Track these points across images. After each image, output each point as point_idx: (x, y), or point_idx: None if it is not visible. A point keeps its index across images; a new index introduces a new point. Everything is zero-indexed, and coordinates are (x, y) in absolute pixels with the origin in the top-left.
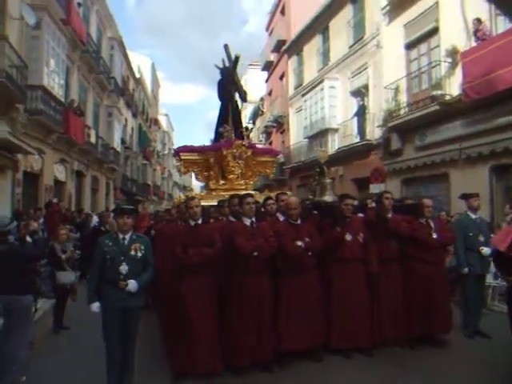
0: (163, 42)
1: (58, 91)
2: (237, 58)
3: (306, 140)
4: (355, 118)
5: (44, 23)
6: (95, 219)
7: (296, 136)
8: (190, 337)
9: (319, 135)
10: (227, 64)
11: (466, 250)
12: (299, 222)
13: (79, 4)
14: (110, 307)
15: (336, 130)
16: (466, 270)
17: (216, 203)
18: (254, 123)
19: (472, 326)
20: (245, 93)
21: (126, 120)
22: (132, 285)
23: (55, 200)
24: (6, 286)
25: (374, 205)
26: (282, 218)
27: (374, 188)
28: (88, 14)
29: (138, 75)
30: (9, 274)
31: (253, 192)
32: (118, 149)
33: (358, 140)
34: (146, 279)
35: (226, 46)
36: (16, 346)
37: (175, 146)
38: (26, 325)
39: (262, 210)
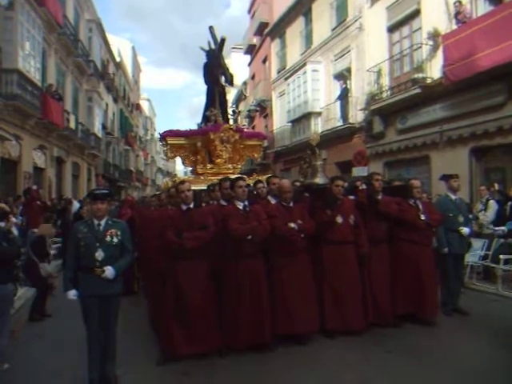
0: (144, 26)
1: (34, 75)
2: (223, 41)
3: (290, 124)
4: (338, 102)
5: (17, 3)
6: (76, 205)
7: (279, 120)
8: (186, 320)
9: (302, 119)
10: (213, 46)
11: (446, 230)
12: (291, 204)
13: None
14: (87, 295)
15: (319, 114)
16: (446, 249)
17: (204, 187)
18: (237, 107)
19: (450, 304)
20: (231, 76)
21: (106, 105)
22: (109, 271)
23: (35, 187)
24: None
25: (364, 186)
26: (273, 201)
27: (357, 171)
28: None
29: (118, 59)
30: None
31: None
32: (99, 134)
33: (340, 123)
34: (123, 265)
35: (211, 28)
36: None
37: (158, 132)
38: (6, 313)
39: (255, 192)
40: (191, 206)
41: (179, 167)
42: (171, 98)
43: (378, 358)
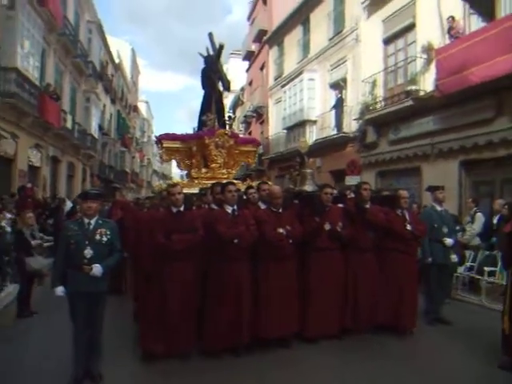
0: (145, 30)
1: (32, 74)
2: (221, 47)
3: (285, 131)
4: (333, 111)
5: (18, 3)
6: (69, 204)
7: (275, 127)
8: (168, 321)
9: (297, 126)
10: (211, 52)
11: (430, 240)
12: (281, 210)
13: None
14: (75, 291)
15: (314, 122)
16: (430, 259)
17: (196, 191)
18: (234, 113)
19: (433, 314)
20: (228, 82)
21: (104, 106)
22: (96, 269)
23: (29, 185)
24: None
25: (352, 195)
26: (263, 207)
27: (350, 180)
28: None
29: (117, 60)
30: None
31: (235, 181)
32: (96, 135)
33: (335, 132)
34: (110, 264)
35: (210, 35)
36: None
37: (155, 134)
38: None
39: (245, 197)
40: (181, 208)
41: (175, 170)
42: (170, 101)
43: (360, 362)
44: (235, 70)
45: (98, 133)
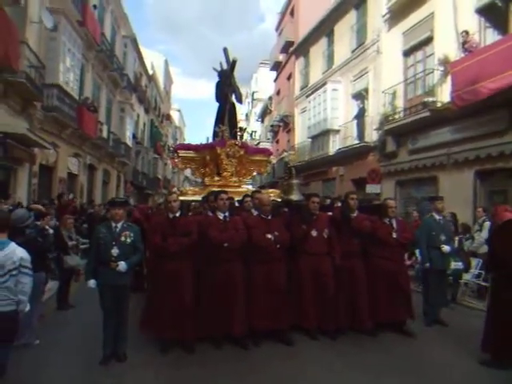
0: (179, 38)
1: (72, 89)
2: (234, 62)
3: (310, 140)
4: (355, 121)
5: (61, 26)
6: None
7: (301, 135)
8: (168, 312)
9: (321, 135)
10: (225, 67)
11: (429, 247)
12: (270, 217)
13: (94, 6)
14: (104, 284)
15: (337, 131)
16: (428, 265)
17: (198, 198)
18: (262, 121)
19: (431, 316)
20: (240, 95)
21: (138, 115)
22: (122, 265)
23: (71, 196)
24: None
25: (339, 204)
26: (255, 214)
27: (370, 188)
28: (103, 15)
29: (150, 72)
30: None
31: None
32: (130, 143)
33: (357, 142)
34: (133, 261)
35: (225, 50)
36: (30, 314)
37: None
38: (38, 297)
39: (237, 205)
40: (177, 214)
41: None
42: (203, 109)
43: (351, 355)
44: (264, 80)
45: (131, 141)
